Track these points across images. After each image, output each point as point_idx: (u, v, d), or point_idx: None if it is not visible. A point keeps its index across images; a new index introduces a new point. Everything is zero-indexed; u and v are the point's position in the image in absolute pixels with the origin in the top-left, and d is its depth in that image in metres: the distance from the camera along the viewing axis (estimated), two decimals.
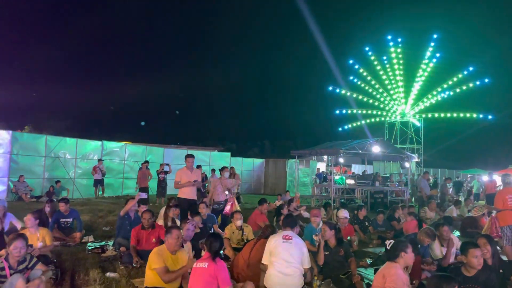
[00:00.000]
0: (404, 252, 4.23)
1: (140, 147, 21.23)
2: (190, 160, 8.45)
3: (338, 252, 5.73)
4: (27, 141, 15.55)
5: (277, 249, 4.78)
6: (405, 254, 4.22)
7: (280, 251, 4.75)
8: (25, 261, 4.48)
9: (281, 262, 4.70)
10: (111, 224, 9.73)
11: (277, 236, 4.96)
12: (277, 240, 4.88)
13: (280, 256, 4.73)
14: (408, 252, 4.24)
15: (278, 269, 4.69)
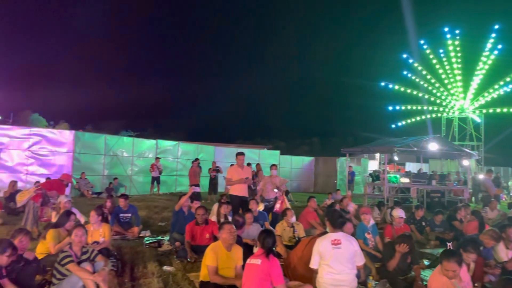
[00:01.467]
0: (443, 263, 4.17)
1: (192, 145, 21.78)
2: (241, 157, 8.53)
3: (406, 259, 5.56)
4: (88, 140, 16.46)
5: (327, 254, 4.56)
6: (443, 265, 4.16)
7: (330, 257, 4.53)
8: (87, 253, 4.73)
9: (333, 266, 4.50)
10: (166, 220, 10.07)
11: (326, 240, 4.66)
12: (326, 245, 4.60)
13: (330, 262, 4.52)
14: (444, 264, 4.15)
15: (330, 274, 4.50)
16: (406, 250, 5.50)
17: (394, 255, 5.55)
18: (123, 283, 5.14)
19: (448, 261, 4.11)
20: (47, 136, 15.34)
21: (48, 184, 8.06)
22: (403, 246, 5.49)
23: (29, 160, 14.80)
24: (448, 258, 4.15)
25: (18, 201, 7.44)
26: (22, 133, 15.02)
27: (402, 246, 5.50)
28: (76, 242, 4.62)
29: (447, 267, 4.10)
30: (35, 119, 47.41)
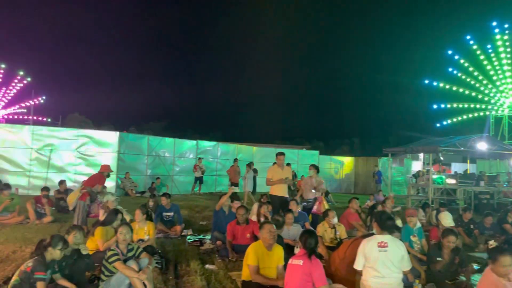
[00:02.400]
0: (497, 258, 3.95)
1: (231, 145, 21.98)
2: (281, 157, 8.52)
3: (454, 260, 5.37)
4: (132, 141, 17.01)
5: (373, 256, 4.45)
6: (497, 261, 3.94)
7: (376, 260, 4.42)
8: (133, 250, 4.88)
9: (378, 270, 4.39)
10: (207, 219, 10.24)
11: (372, 242, 4.56)
12: (372, 246, 4.50)
13: (376, 264, 4.41)
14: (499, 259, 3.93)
15: (375, 278, 4.40)
16: (454, 244, 5.32)
17: (440, 256, 5.37)
18: (168, 280, 5.26)
19: (504, 255, 3.94)
20: (94, 137, 15.97)
21: (90, 180, 8.23)
22: (451, 238, 5.32)
23: (77, 160, 15.47)
24: (502, 253, 3.98)
25: (69, 204, 7.78)
26: (70, 134, 15.73)
27: (449, 238, 5.33)
28: (121, 240, 4.77)
29: (504, 262, 3.91)
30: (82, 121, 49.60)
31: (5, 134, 14.76)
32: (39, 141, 15.09)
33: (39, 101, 37.35)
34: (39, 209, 9.37)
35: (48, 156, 15.07)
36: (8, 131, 14.94)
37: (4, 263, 5.70)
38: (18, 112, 36.19)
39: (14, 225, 8.64)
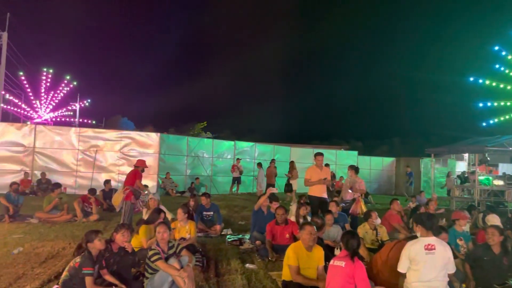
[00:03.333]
0: None
1: (269, 146, 22.02)
2: (320, 158, 8.44)
3: (502, 260, 5.14)
4: (172, 142, 17.43)
5: (418, 259, 4.30)
6: None
7: (422, 263, 4.27)
8: (173, 247, 4.99)
9: (424, 273, 4.24)
10: (245, 219, 10.31)
11: (418, 244, 4.40)
12: (419, 249, 4.34)
13: (422, 268, 4.26)
14: None
15: (421, 281, 4.25)
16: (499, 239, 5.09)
17: (488, 255, 5.17)
18: (209, 278, 5.35)
19: None
20: (136, 138, 16.50)
21: (129, 179, 8.31)
22: (494, 231, 5.17)
23: (121, 161, 16.02)
24: None
25: (115, 205, 8.05)
26: (114, 136, 16.31)
27: (493, 231, 5.19)
28: (160, 239, 4.90)
29: None
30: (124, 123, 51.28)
31: (53, 136, 15.52)
32: (85, 143, 15.77)
33: (84, 104, 39.02)
34: (86, 207, 9.79)
35: (93, 157, 15.70)
36: (56, 133, 15.70)
37: (55, 259, 5.99)
38: (65, 114, 37.95)
39: (63, 222, 9.07)
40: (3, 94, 24.49)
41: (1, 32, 23.08)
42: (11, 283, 4.79)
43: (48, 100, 34.82)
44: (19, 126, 15.77)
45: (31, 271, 5.32)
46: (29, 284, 4.77)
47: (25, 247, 6.53)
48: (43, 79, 33.53)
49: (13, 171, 14.73)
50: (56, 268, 5.48)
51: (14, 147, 14.90)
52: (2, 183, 14.03)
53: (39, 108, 34.38)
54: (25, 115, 33.58)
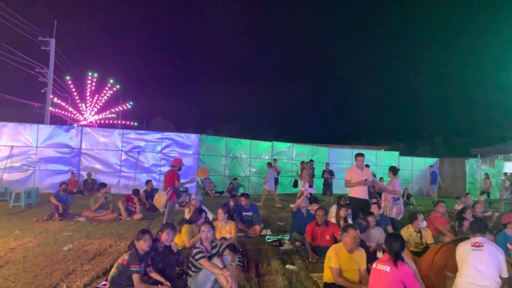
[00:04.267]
0: None
1: (306, 147, 21.88)
2: (360, 159, 8.29)
3: None
4: (210, 143, 17.70)
5: (466, 257, 4.29)
6: None
7: (470, 260, 4.25)
8: (217, 247, 5.06)
9: (472, 272, 4.18)
10: (284, 220, 10.30)
11: (466, 244, 4.45)
12: (466, 247, 4.39)
13: (470, 265, 4.22)
14: None
15: (469, 280, 4.18)
16: None
17: None
18: (250, 278, 5.39)
19: None
20: (176, 139, 16.89)
21: (168, 180, 8.41)
22: None
23: (162, 161, 16.45)
24: None
25: (158, 206, 8.26)
26: (155, 137, 16.77)
27: None
28: (204, 238, 4.98)
29: None
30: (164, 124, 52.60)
31: (98, 138, 16.16)
32: (128, 144, 16.31)
33: (126, 106, 40.39)
34: (129, 207, 10.12)
35: (135, 158, 16.21)
36: (101, 135, 16.33)
37: (102, 256, 6.23)
38: (109, 117, 39.38)
39: (109, 221, 9.42)
40: (51, 97, 25.72)
41: (49, 38, 24.26)
42: (62, 278, 5.03)
43: (93, 103, 36.26)
44: (67, 129, 16.52)
45: (81, 267, 5.56)
46: (79, 279, 4.98)
47: (74, 244, 6.84)
48: (88, 83, 34.97)
49: (61, 171, 15.46)
50: (103, 265, 5.70)
51: (62, 148, 15.63)
52: (52, 183, 14.81)
53: (84, 111, 35.86)
54: (71, 118, 35.15)
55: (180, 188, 8.87)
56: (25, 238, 7.17)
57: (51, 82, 24.63)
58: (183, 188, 9.78)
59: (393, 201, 8.96)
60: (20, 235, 7.42)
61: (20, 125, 15.33)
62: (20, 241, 6.93)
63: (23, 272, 5.21)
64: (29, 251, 6.28)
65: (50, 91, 24.72)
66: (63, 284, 4.80)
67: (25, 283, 4.77)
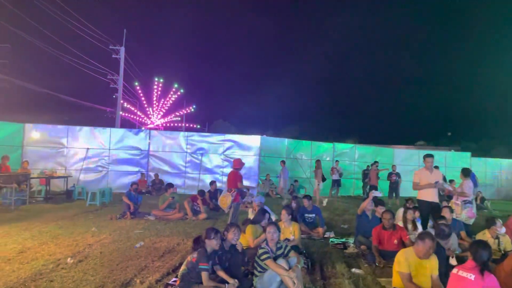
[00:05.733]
0: None
1: (369, 148, 21.27)
2: (430, 160, 7.89)
3: None
4: (271, 145, 17.79)
5: None
6: None
7: None
8: (282, 248, 5.07)
9: None
10: (348, 222, 10.08)
11: None
12: None
13: None
14: None
15: None
16: None
17: None
18: (315, 280, 5.34)
19: None
20: (237, 141, 17.19)
21: (231, 181, 8.60)
22: None
23: (224, 162, 16.82)
24: None
25: (223, 207, 8.45)
26: (218, 139, 17.20)
27: None
28: (269, 239, 5.01)
29: None
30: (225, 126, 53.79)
31: (165, 140, 16.88)
32: (192, 146, 16.87)
33: (190, 109, 41.93)
34: (195, 207, 10.45)
35: (199, 159, 16.73)
36: (167, 137, 17.05)
37: (171, 254, 6.49)
38: (173, 120, 41.11)
39: (176, 220, 9.79)
40: (121, 103, 27.29)
41: (119, 47, 25.76)
42: (136, 274, 5.31)
43: (159, 107, 38.00)
44: (136, 132, 17.44)
45: (152, 264, 5.83)
46: (151, 275, 5.23)
47: (145, 242, 7.19)
48: (155, 88, 36.72)
49: (131, 172, 16.34)
50: (173, 262, 5.93)
51: (132, 150, 16.52)
52: (123, 183, 15.70)
53: (151, 115, 37.68)
54: (139, 121, 37.09)
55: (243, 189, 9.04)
56: (101, 235, 7.67)
57: (121, 88, 26.13)
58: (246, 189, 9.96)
59: (463, 204, 8.46)
60: (96, 232, 7.94)
61: (94, 129, 16.44)
62: (96, 238, 7.42)
63: (100, 267, 5.57)
64: (105, 247, 6.70)
65: (120, 97, 26.24)
66: (136, 279, 5.07)
67: (102, 277, 5.10)
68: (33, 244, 6.73)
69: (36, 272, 5.19)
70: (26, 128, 15.62)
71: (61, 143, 15.93)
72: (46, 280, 4.90)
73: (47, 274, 5.14)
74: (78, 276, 5.09)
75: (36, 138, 15.49)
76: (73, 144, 15.99)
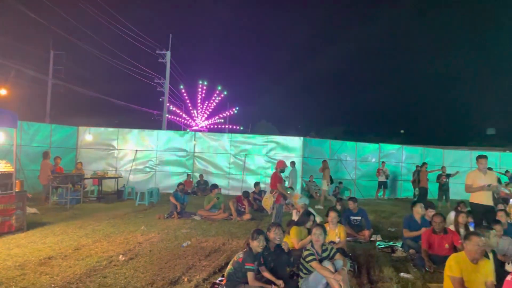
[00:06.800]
0: None
1: (417, 149, 20.56)
2: (483, 161, 7.51)
3: None
4: (314, 146, 17.65)
5: None
6: None
7: None
8: (327, 251, 5.02)
9: None
10: (395, 225, 9.82)
11: None
12: None
13: None
14: None
15: None
16: None
17: None
18: (362, 284, 5.25)
19: None
20: (280, 142, 17.20)
21: (273, 182, 8.65)
22: None
23: (267, 164, 16.88)
24: None
25: (266, 208, 8.50)
26: (261, 140, 17.28)
27: None
28: (315, 241, 4.97)
29: None
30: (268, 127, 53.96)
31: (209, 142, 17.20)
32: (235, 147, 17.08)
33: (233, 111, 42.47)
34: (239, 207, 10.57)
35: (243, 160, 16.89)
36: (212, 139, 17.36)
37: (217, 253, 6.61)
38: (217, 122, 41.81)
39: (221, 220, 9.95)
40: (167, 105, 28.11)
41: (165, 51, 26.54)
42: (183, 272, 5.45)
43: (203, 109, 38.78)
44: (182, 134, 17.90)
45: (199, 263, 5.97)
46: (198, 274, 5.36)
47: (192, 241, 7.37)
48: (199, 90, 37.53)
49: (177, 173, 16.79)
50: (219, 261, 6.04)
51: (178, 152, 16.98)
52: (170, 184, 16.16)
53: (196, 117, 38.52)
54: (184, 123, 38.03)
55: (287, 190, 9.04)
56: (150, 234, 7.95)
57: (167, 91, 26.92)
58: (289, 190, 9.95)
59: None
60: (145, 231, 8.24)
61: (142, 131, 17.05)
62: (146, 236, 7.70)
63: (150, 265, 5.78)
64: (154, 246, 6.94)
65: (166, 100, 27.03)
66: (184, 277, 5.21)
67: (152, 275, 5.29)
68: (87, 241, 7.09)
69: (90, 268, 5.46)
70: (80, 131, 16.47)
71: (112, 145, 16.66)
72: (100, 276, 5.14)
73: (100, 270, 5.39)
74: (129, 273, 5.31)
75: (89, 141, 16.30)
76: (123, 146, 16.68)
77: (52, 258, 5.90)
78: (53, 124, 16.13)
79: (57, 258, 5.90)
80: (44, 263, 5.63)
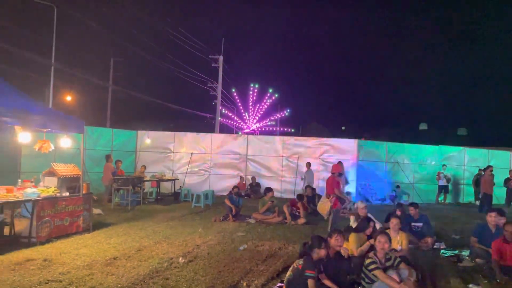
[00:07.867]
0: None
1: (481, 151, 19.37)
2: None
3: None
4: (370, 148, 17.14)
5: None
6: None
7: None
8: (391, 259, 4.83)
9: None
10: (460, 233, 9.30)
11: None
12: None
13: None
14: None
15: None
16: None
17: None
18: None
19: None
20: (334, 145, 16.91)
21: (329, 187, 8.51)
22: None
23: (320, 167, 16.64)
24: None
25: (322, 214, 8.36)
26: (314, 143, 17.09)
27: None
28: (379, 249, 4.79)
29: None
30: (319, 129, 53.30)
31: (261, 144, 17.28)
32: (288, 150, 17.02)
33: (284, 114, 42.40)
34: (294, 211, 10.49)
35: (295, 163, 16.78)
36: (264, 142, 17.44)
37: (274, 258, 6.58)
38: (268, 124, 41.95)
39: (275, 224, 9.93)
40: (220, 109, 28.60)
41: (218, 55, 27.02)
42: (242, 276, 5.47)
43: (255, 112, 39.07)
44: (235, 137, 18.12)
45: (256, 267, 5.97)
46: (257, 279, 5.35)
47: (248, 245, 7.40)
48: (250, 93, 37.89)
49: (231, 175, 17.01)
50: (276, 266, 6.00)
51: (232, 155, 17.21)
52: (224, 186, 16.42)
53: (247, 120, 38.89)
54: (236, 126, 38.52)
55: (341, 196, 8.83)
56: (207, 236, 8.09)
57: (220, 95, 27.38)
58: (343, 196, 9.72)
59: None
60: (203, 233, 8.39)
61: (197, 135, 17.48)
62: (203, 239, 7.84)
63: (209, 267, 5.86)
64: (212, 248, 7.04)
65: (219, 103, 27.50)
66: (243, 282, 5.23)
67: (212, 278, 5.35)
68: (148, 243, 7.34)
69: (152, 269, 5.64)
70: (139, 135, 17.18)
71: (168, 148, 17.22)
72: (162, 278, 5.29)
73: (162, 272, 5.55)
74: (190, 276, 5.41)
75: (147, 144, 16.96)
76: (179, 149, 17.19)
77: (117, 259, 6.16)
78: (115, 129, 16.94)
79: (122, 259, 6.15)
80: (110, 264, 5.89)
